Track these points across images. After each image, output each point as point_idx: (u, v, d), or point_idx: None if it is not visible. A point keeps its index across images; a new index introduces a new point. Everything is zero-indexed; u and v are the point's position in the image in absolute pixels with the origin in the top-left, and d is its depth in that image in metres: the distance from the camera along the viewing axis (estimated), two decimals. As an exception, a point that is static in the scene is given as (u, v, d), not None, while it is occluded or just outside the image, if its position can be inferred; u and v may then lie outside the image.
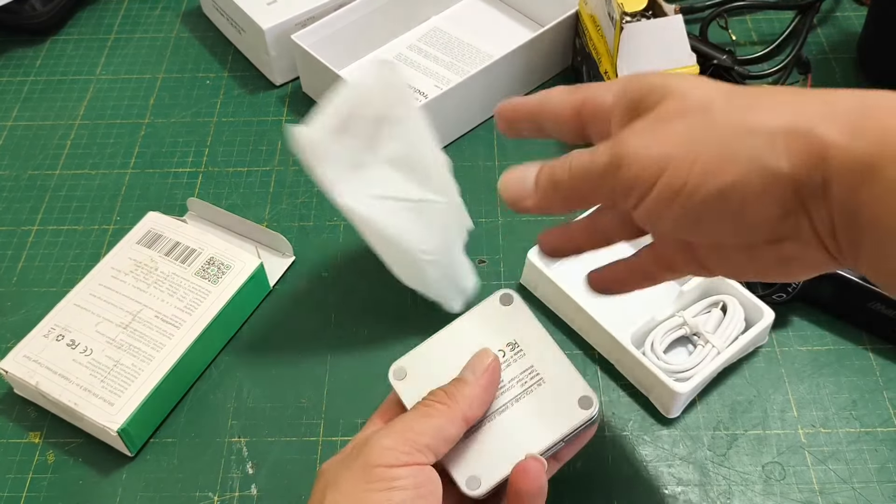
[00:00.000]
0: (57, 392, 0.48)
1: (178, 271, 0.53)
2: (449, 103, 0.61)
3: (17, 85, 0.71)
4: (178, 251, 0.54)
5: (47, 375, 0.48)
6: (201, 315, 0.51)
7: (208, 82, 0.71)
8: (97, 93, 0.70)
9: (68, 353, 0.49)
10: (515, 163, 0.62)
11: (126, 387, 0.48)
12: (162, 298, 0.52)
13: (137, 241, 0.54)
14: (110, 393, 0.47)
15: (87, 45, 0.75)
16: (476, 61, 0.69)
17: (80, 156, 0.65)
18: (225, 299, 0.52)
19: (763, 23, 0.73)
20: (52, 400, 0.48)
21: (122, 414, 0.47)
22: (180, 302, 0.51)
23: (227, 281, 0.53)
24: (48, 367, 0.49)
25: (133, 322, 0.50)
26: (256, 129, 0.66)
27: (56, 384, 0.48)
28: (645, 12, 0.61)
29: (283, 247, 0.57)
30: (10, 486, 0.48)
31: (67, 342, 0.50)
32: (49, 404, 0.50)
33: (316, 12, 0.67)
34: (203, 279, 0.52)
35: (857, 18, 0.73)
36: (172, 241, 0.54)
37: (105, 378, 0.48)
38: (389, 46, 0.71)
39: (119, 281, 0.52)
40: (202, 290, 0.52)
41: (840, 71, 0.68)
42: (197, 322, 0.51)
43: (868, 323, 0.52)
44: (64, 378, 0.48)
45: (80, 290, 0.52)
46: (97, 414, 0.47)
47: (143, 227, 0.55)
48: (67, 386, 0.48)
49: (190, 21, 0.77)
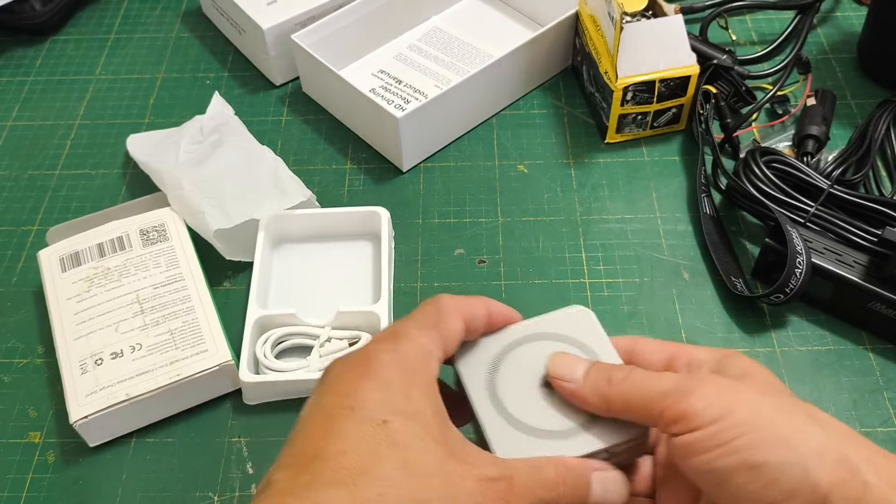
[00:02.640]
0: (154, 383, 0.48)
1: (126, 256, 0.54)
2: (449, 103, 0.61)
3: (17, 85, 0.71)
4: (107, 247, 0.54)
5: (128, 384, 0.48)
6: (187, 258, 0.53)
7: (208, 82, 0.71)
8: (97, 93, 0.70)
9: (122, 362, 0.49)
10: (515, 163, 0.63)
11: (199, 334, 0.50)
12: (143, 277, 0.52)
13: (62, 271, 0.53)
14: (193, 347, 0.49)
15: (87, 44, 0.75)
16: (476, 61, 0.69)
17: (81, 156, 0.65)
18: (188, 238, 0.55)
19: (763, 23, 0.73)
20: (152, 395, 0.47)
21: (222, 347, 0.49)
22: (159, 267, 0.53)
23: (173, 231, 0.55)
24: (120, 381, 0.48)
25: (143, 304, 0.51)
26: (256, 128, 0.66)
27: (146, 381, 0.48)
28: (645, 12, 0.61)
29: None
30: (10, 486, 0.48)
31: (110, 357, 0.49)
32: (144, 416, 0.49)
33: (316, 12, 0.67)
34: (153, 244, 0.54)
35: (857, 18, 0.73)
36: (94, 246, 0.54)
37: (177, 345, 0.49)
38: (389, 46, 0.71)
39: (88, 298, 0.52)
40: (164, 249, 0.54)
41: (840, 71, 0.68)
42: (190, 264, 0.53)
43: (868, 323, 0.52)
44: (144, 373, 0.48)
45: (62, 329, 0.51)
46: (205, 363, 0.48)
47: (51, 259, 0.54)
48: (156, 373, 0.48)
49: (190, 21, 0.77)
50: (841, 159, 0.59)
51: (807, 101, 0.63)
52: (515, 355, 0.39)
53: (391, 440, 0.31)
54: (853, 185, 0.57)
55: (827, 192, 0.54)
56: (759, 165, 0.55)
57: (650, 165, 0.62)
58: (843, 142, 0.62)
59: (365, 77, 0.68)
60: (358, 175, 0.63)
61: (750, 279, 0.55)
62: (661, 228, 0.58)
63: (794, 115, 0.64)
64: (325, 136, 0.66)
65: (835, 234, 0.53)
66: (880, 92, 0.66)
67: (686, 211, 0.59)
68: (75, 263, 0.54)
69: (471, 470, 0.32)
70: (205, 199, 0.55)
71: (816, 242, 0.52)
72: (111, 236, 0.55)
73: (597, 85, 0.63)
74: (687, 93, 0.61)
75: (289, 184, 0.57)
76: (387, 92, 0.67)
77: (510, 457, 0.35)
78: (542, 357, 0.38)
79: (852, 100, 0.66)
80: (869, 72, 0.68)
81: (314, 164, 0.63)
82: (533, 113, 0.67)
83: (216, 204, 0.55)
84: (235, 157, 0.59)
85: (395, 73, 0.68)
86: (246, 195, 0.56)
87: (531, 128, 0.65)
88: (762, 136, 0.63)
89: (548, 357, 0.38)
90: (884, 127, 0.61)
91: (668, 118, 0.63)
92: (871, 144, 0.60)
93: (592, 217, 0.59)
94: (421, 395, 0.33)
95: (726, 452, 0.31)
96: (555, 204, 0.60)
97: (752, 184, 0.55)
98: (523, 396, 0.38)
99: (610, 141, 0.64)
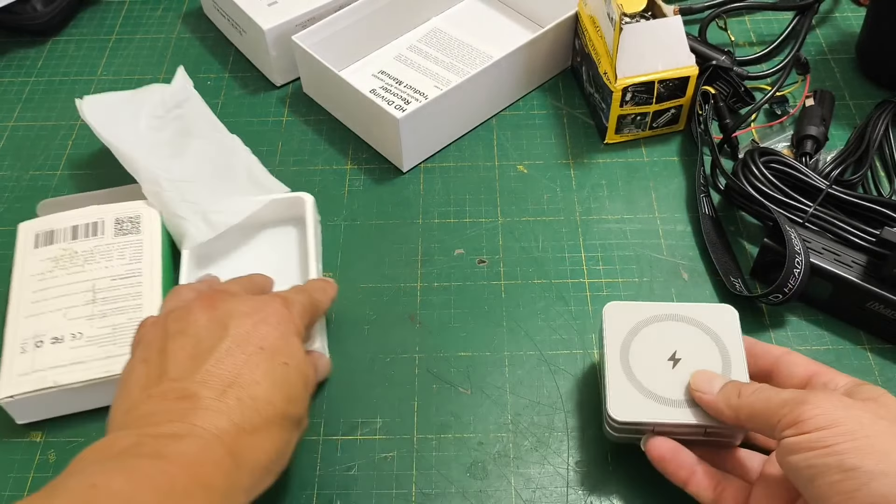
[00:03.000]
0: (83, 374, 0.48)
1: (97, 242, 0.54)
2: (449, 104, 0.61)
3: (18, 86, 0.72)
4: (81, 231, 0.54)
5: (59, 372, 0.48)
6: (151, 254, 0.53)
7: (209, 83, 0.71)
8: (98, 93, 0.70)
9: (61, 348, 0.49)
10: (515, 163, 0.63)
11: None
12: (104, 266, 0.52)
13: (35, 246, 0.54)
14: (130, 346, 0.48)
15: (88, 45, 0.75)
16: (476, 62, 0.69)
17: (82, 156, 0.65)
18: (159, 234, 0.54)
19: (762, 23, 0.73)
20: (82, 385, 0.48)
21: None
22: (122, 259, 0.53)
23: (146, 225, 0.55)
24: (52, 367, 0.48)
25: (96, 294, 0.51)
26: (257, 129, 0.66)
27: (76, 371, 0.48)
28: (644, 13, 0.61)
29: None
30: (12, 485, 0.48)
31: (51, 341, 0.49)
32: (74, 403, 0.49)
33: (316, 13, 0.67)
34: (125, 234, 0.54)
35: (856, 19, 0.73)
36: (69, 227, 0.55)
37: (115, 340, 0.49)
38: (389, 47, 0.71)
39: (50, 279, 0.52)
40: (133, 242, 0.53)
41: (839, 71, 0.68)
42: (152, 261, 0.53)
43: (867, 323, 0.52)
44: (78, 364, 0.48)
45: (18, 304, 0.51)
46: None
47: (28, 233, 0.54)
48: (88, 366, 0.48)
49: (191, 22, 0.77)
50: (839, 159, 0.59)
51: (805, 101, 0.63)
52: (657, 328, 0.46)
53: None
54: (852, 185, 0.58)
55: (825, 192, 0.54)
56: (757, 166, 0.55)
57: (649, 166, 0.63)
58: (841, 142, 0.62)
59: (365, 78, 0.68)
60: (358, 175, 0.63)
61: (748, 279, 0.55)
62: (660, 228, 0.59)
63: (793, 116, 0.64)
64: (325, 136, 0.66)
65: (833, 235, 0.53)
66: (879, 92, 0.66)
67: (685, 211, 0.60)
68: (48, 242, 0.54)
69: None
70: (185, 202, 0.55)
71: (815, 242, 0.52)
72: (87, 220, 0.55)
73: (596, 85, 0.63)
74: (686, 93, 0.61)
75: (265, 179, 0.59)
76: (387, 93, 0.67)
77: (621, 412, 0.43)
78: (680, 336, 0.45)
79: (851, 100, 0.66)
80: (867, 72, 0.68)
81: (314, 165, 0.64)
82: (533, 113, 0.67)
83: (197, 210, 0.55)
84: (210, 152, 0.59)
85: (395, 73, 0.69)
86: (225, 198, 0.56)
87: (531, 128, 0.66)
88: (761, 137, 0.63)
89: (685, 344, 0.45)
90: (882, 127, 0.61)
91: (668, 119, 0.63)
92: (869, 145, 0.60)
93: (592, 217, 0.59)
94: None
95: (826, 453, 0.34)
96: (554, 204, 0.60)
97: (751, 184, 0.55)
98: (650, 364, 0.44)
99: (609, 141, 0.64)
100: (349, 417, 0.50)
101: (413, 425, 0.49)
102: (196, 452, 0.36)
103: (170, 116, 0.61)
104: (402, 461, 0.48)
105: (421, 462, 0.48)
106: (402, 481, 0.47)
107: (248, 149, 0.61)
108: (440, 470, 0.47)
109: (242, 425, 0.38)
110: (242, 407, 0.38)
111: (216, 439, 0.37)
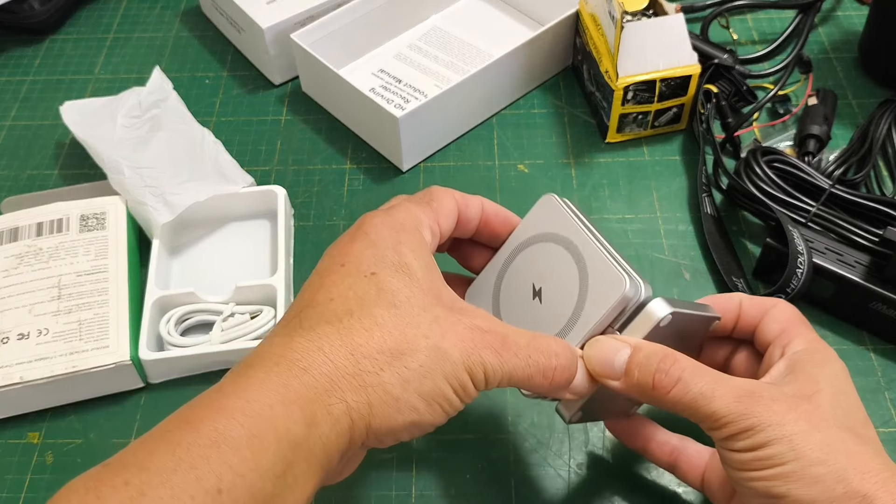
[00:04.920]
0: (49, 370, 0.48)
1: (61, 239, 0.54)
2: (449, 103, 0.61)
3: (15, 84, 0.71)
4: (46, 228, 0.54)
5: (25, 368, 0.48)
6: (117, 250, 0.53)
7: (207, 82, 0.70)
8: (96, 92, 0.70)
9: (26, 344, 0.49)
10: (515, 163, 0.63)
11: (106, 328, 0.49)
12: (69, 262, 0.52)
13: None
14: (96, 341, 0.49)
15: (86, 44, 0.75)
16: (476, 61, 0.68)
17: (79, 156, 0.65)
18: (125, 230, 0.54)
19: (764, 22, 0.73)
20: (47, 382, 0.48)
21: (123, 345, 0.49)
22: (88, 255, 0.53)
23: (111, 220, 0.55)
24: (18, 363, 0.48)
25: (62, 290, 0.51)
26: (256, 128, 0.66)
27: (42, 367, 0.48)
28: (646, 11, 0.60)
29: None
30: (9, 486, 0.47)
31: (16, 338, 0.49)
32: (41, 399, 0.49)
33: (315, 11, 0.67)
34: (90, 231, 0.54)
35: (859, 18, 0.72)
36: (34, 224, 0.55)
37: (81, 336, 0.49)
38: (389, 46, 0.71)
39: (14, 276, 0.52)
40: (98, 238, 0.54)
41: (841, 70, 0.68)
42: (118, 257, 0.53)
43: (869, 323, 0.52)
44: (43, 360, 0.48)
45: None
46: (103, 360, 0.48)
47: None
48: (54, 362, 0.48)
49: (189, 20, 0.76)
50: (842, 159, 0.59)
51: (808, 100, 0.63)
52: (513, 269, 0.40)
53: (379, 287, 0.32)
54: (854, 184, 0.57)
55: (828, 191, 0.54)
56: (760, 165, 0.55)
57: (651, 165, 0.62)
58: (844, 141, 0.62)
59: (365, 76, 0.68)
60: (358, 175, 0.62)
61: (751, 279, 0.55)
62: (661, 228, 0.58)
63: (796, 115, 0.64)
64: (324, 135, 0.66)
65: (836, 234, 0.53)
66: (881, 91, 0.66)
67: (687, 211, 0.59)
68: (12, 238, 0.54)
69: (462, 318, 0.33)
70: (146, 187, 0.55)
71: (818, 242, 0.52)
72: (52, 217, 0.55)
73: (597, 84, 0.63)
74: (688, 92, 0.61)
75: (230, 169, 0.59)
76: (386, 91, 0.67)
77: None
78: (530, 266, 0.39)
79: (853, 99, 0.66)
80: (870, 71, 0.68)
81: (314, 164, 0.63)
82: (533, 112, 0.66)
83: (158, 194, 0.55)
84: (176, 142, 0.60)
85: (394, 72, 0.68)
86: (187, 182, 0.57)
87: (531, 127, 0.65)
88: (763, 136, 0.63)
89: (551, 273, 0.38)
90: (885, 126, 0.61)
91: (669, 118, 0.63)
92: (872, 144, 0.60)
93: (593, 217, 0.59)
94: (409, 250, 0.34)
95: (753, 477, 0.32)
96: (555, 204, 0.60)
97: (753, 183, 0.55)
98: (520, 310, 0.39)
99: (610, 140, 0.63)
100: (348, 418, 0.50)
101: (413, 426, 0.49)
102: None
103: (146, 116, 0.61)
104: (402, 462, 0.47)
105: (421, 463, 0.47)
106: (402, 482, 0.47)
107: (219, 141, 0.61)
108: (440, 471, 0.47)
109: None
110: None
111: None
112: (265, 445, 0.27)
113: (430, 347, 0.31)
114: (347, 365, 0.30)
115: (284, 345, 0.30)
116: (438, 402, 0.31)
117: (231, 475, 0.26)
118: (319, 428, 0.29)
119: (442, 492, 0.46)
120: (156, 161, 0.58)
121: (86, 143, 0.59)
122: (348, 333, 0.31)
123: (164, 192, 0.55)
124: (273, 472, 0.27)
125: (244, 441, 0.27)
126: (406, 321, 0.31)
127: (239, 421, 0.27)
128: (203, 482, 0.26)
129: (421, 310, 0.32)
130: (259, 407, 0.28)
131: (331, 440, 0.29)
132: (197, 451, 0.27)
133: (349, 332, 0.31)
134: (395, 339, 0.31)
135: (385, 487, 0.46)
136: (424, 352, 0.31)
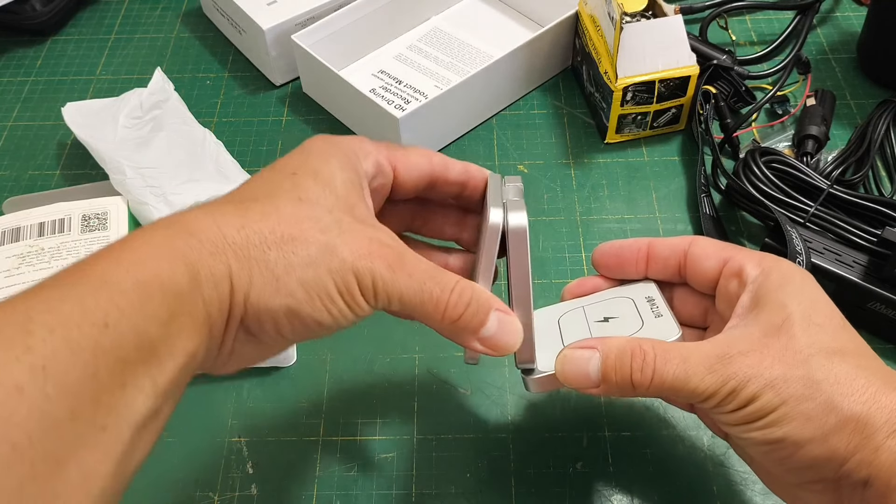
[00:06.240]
0: None
1: (63, 239, 0.54)
2: (449, 103, 0.61)
3: (17, 85, 0.72)
4: (48, 228, 0.54)
5: None
6: None
7: (208, 82, 0.71)
8: (97, 93, 0.70)
9: None
10: (515, 163, 0.63)
11: None
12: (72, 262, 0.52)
13: (0, 244, 0.54)
14: None
15: (87, 45, 0.75)
16: (476, 61, 0.69)
17: (81, 156, 0.65)
18: (126, 230, 0.54)
19: (763, 23, 0.73)
20: None
21: None
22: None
23: (113, 221, 0.55)
24: None
25: None
26: (257, 129, 0.66)
27: None
28: (645, 12, 0.61)
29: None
30: (11, 485, 0.48)
31: None
32: None
33: (316, 12, 0.67)
34: (92, 231, 0.54)
35: (857, 18, 0.73)
36: (35, 224, 0.55)
37: None
38: (389, 46, 0.71)
39: (16, 276, 0.52)
40: (100, 238, 0.54)
41: (840, 71, 0.68)
42: None
43: (868, 323, 0.52)
44: None
45: None
46: None
47: None
48: None
49: (190, 21, 0.77)
50: (841, 159, 0.59)
51: (806, 101, 0.63)
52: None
53: (293, 183, 0.33)
54: (853, 185, 0.57)
55: (826, 192, 0.54)
56: (758, 165, 0.55)
57: (650, 165, 0.62)
58: (842, 142, 0.62)
59: (365, 77, 0.68)
60: (358, 175, 0.63)
61: (750, 279, 0.55)
62: (660, 228, 0.58)
63: (794, 116, 0.64)
64: (325, 136, 0.66)
65: (834, 235, 0.53)
66: (880, 92, 0.66)
67: (686, 211, 0.59)
68: (14, 239, 0.54)
69: (366, 229, 0.33)
70: (148, 188, 0.56)
71: (816, 242, 0.52)
72: (54, 217, 0.55)
73: (597, 85, 0.63)
74: (687, 93, 0.61)
75: (231, 169, 0.59)
76: (387, 92, 0.67)
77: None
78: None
79: (852, 100, 0.66)
80: (868, 72, 0.68)
81: (314, 165, 0.64)
82: (533, 113, 0.67)
83: (159, 194, 0.55)
84: (177, 142, 0.60)
85: (395, 73, 0.68)
86: (188, 182, 0.57)
87: (531, 128, 0.65)
88: (762, 137, 0.63)
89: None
90: (883, 127, 0.61)
91: (668, 118, 0.63)
92: (870, 144, 0.60)
93: (592, 217, 0.59)
94: (337, 163, 0.35)
95: (748, 429, 0.33)
96: (555, 204, 0.60)
97: (752, 184, 0.55)
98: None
99: (610, 141, 0.64)
100: (349, 418, 0.50)
101: (413, 425, 0.49)
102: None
103: (147, 117, 0.61)
104: (402, 461, 0.48)
105: (421, 462, 0.47)
106: (402, 481, 0.47)
107: (220, 141, 0.61)
108: (440, 470, 0.47)
109: None
110: None
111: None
112: (150, 291, 0.28)
113: (323, 242, 0.31)
114: (236, 237, 0.30)
115: (181, 214, 0.31)
116: (319, 296, 0.31)
117: (117, 313, 0.27)
118: (202, 286, 0.29)
119: (442, 491, 0.46)
120: (157, 161, 0.58)
121: (87, 143, 0.59)
122: (245, 212, 0.31)
123: (165, 193, 0.56)
124: (157, 317, 0.28)
125: (130, 285, 0.28)
126: (307, 214, 0.32)
127: (125, 268, 0.28)
128: (90, 315, 0.26)
129: (326, 211, 0.32)
130: (145, 257, 0.29)
131: (213, 300, 0.30)
132: (84, 290, 0.27)
133: (246, 211, 0.32)
134: (290, 227, 0.31)
135: (385, 487, 0.47)
136: (315, 245, 0.31)
